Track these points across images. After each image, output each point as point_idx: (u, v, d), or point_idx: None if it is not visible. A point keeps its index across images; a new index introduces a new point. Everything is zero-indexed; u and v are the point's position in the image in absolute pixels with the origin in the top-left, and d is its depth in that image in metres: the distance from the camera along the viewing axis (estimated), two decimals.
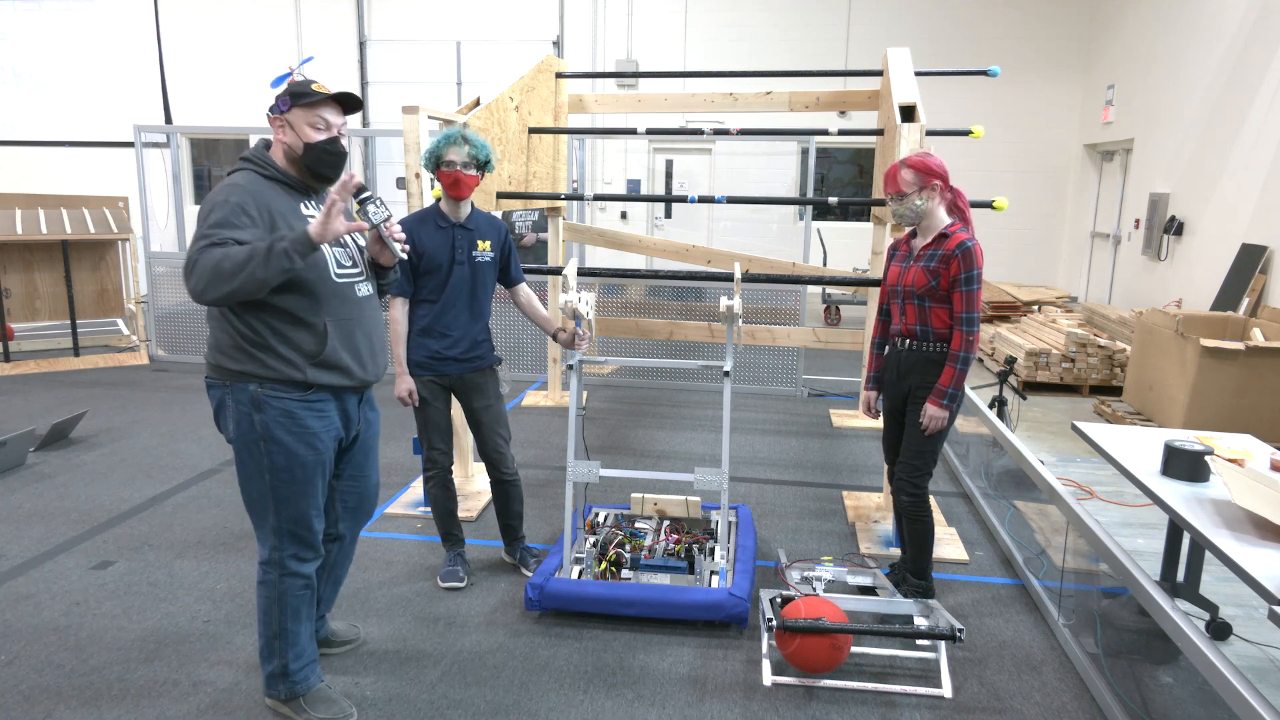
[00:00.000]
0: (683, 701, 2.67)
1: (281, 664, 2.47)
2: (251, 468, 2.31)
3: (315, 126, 2.26)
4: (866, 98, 5.40)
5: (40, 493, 4.29)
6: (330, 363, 2.29)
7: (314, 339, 2.26)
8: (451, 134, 3.13)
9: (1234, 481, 2.52)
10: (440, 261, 3.17)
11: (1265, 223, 6.97)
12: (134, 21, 13.06)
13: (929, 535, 3.22)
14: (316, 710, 2.50)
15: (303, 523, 2.36)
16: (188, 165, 13.70)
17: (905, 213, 3.06)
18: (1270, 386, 5.26)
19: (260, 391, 2.25)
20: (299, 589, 2.42)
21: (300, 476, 2.31)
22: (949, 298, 3.02)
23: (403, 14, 12.73)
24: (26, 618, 3.08)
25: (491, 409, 3.38)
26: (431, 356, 3.25)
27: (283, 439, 2.27)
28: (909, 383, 3.15)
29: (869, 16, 11.88)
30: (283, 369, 2.24)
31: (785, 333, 5.98)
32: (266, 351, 2.23)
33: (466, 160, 3.12)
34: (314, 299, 2.25)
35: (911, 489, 3.18)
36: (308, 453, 2.31)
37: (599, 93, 6.24)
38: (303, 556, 2.40)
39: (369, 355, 2.40)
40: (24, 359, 7.23)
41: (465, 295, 3.25)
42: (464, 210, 3.24)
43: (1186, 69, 8.59)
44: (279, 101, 2.27)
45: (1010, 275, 11.76)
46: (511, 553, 3.56)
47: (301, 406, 2.28)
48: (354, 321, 2.35)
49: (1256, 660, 2.97)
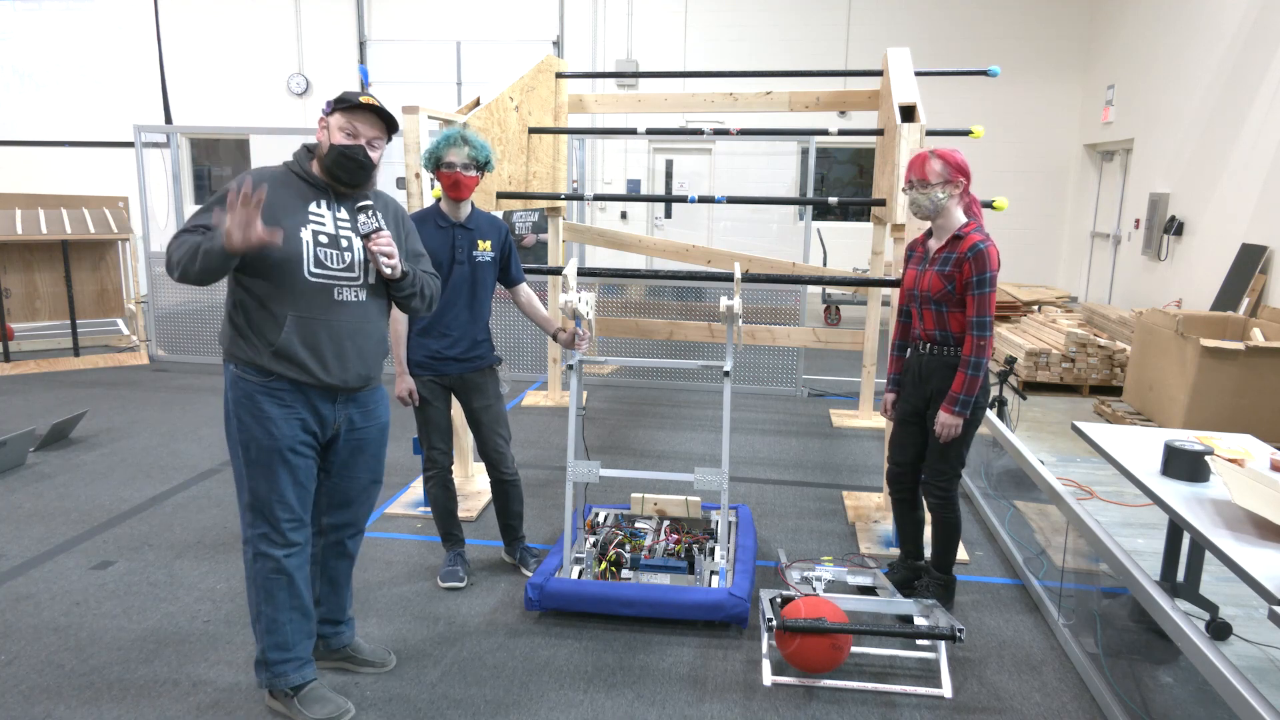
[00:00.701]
0: (683, 701, 2.67)
1: (261, 649, 2.49)
2: (231, 443, 2.44)
3: (345, 132, 2.36)
4: (866, 98, 5.39)
5: (40, 493, 4.29)
6: (285, 354, 2.35)
7: (274, 329, 2.34)
8: (451, 135, 3.13)
9: (1234, 481, 2.52)
10: (440, 261, 3.15)
11: (1265, 223, 6.97)
12: (134, 21, 13.06)
13: (956, 533, 3.22)
14: (311, 710, 2.50)
15: (265, 505, 2.41)
16: (188, 165, 13.70)
17: (925, 203, 2.99)
18: (1270, 386, 5.26)
19: (236, 372, 2.39)
20: (269, 571, 2.44)
21: (258, 459, 2.38)
22: (964, 301, 2.99)
23: (403, 14, 12.73)
24: (26, 618, 3.08)
25: (491, 409, 3.38)
26: (431, 356, 3.25)
27: (244, 419, 2.38)
28: (930, 387, 3.12)
29: (869, 16, 11.88)
30: (249, 352, 2.37)
31: (785, 333, 5.98)
32: (239, 331, 2.38)
33: (466, 161, 3.12)
34: (280, 290, 2.33)
35: (940, 492, 3.17)
36: (264, 436, 2.37)
37: (599, 93, 6.24)
38: (271, 538, 2.43)
39: (335, 358, 2.39)
40: (24, 359, 7.23)
41: (465, 295, 3.25)
42: (464, 210, 3.24)
43: (1186, 69, 8.59)
44: (326, 104, 2.40)
45: (1010, 275, 11.76)
46: (511, 553, 3.56)
47: (261, 391, 2.37)
48: (321, 322, 2.36)
49: (1256, 660, 2.97)
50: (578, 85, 11.74)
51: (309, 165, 2.42)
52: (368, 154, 2.38)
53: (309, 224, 2.36)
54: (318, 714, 2.50)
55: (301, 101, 13.01)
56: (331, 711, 2.51)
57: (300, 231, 2.34)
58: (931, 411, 3.12)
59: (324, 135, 2.38)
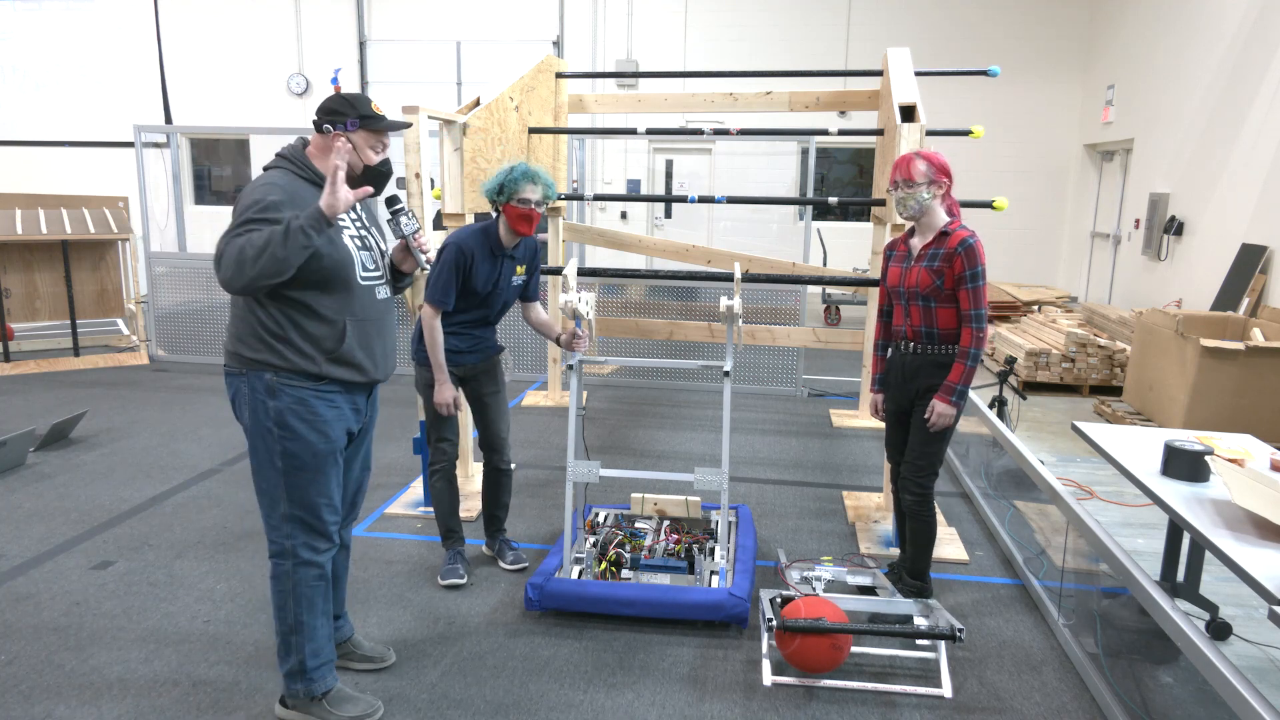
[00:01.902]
0: (683, 701, 2.67)
1: (299, 660, 2.46)
2: (264, 455, 2.35)
3: (375, 149, 2.38)
4: (866, 98, 5.40)
5: (40, 493, 4.29)
6: (345, 359, 2.35)
7: (332, 335, 2.32)
8: (524, 171, 3.16)
9: (1234, 481, 2.52)
10: (486, 287, 3.25)
11: (1265, 223, 6.97)
12: (134, 21, 13.06)
13: (931, 536, 3.22)
14: (344, 710, 2.49)
15: (313, 511, 2.39)
16: (188, 165, 13.69)
17: (910, 203, 3.04)
18: (1270, 386, 5.26)
19: (275, 380, 2.31)
20: (313, 579, 2.43)
21: (311, 464, 2.36)
22: (955, 296, 3.02)
23: (403, 14, 12.73)
24: (26, 618, 3.08)
25: (499, 395, 3.48)
26: (449, 350, 3.30)
27: (295, 426, 2.32)
28: (916, 385, 3.14)
29: (869, 16, 11.88)
30: (298, 361, 2.30)
31: (785, 333, 5.98)
32: (284, 343, 2.30)
33: (540, 199, 3.18)
34: (338, 297, 2.32)
35: (917, 489, 3.18)
36: (320, 440, 2.35)
37: (599, 93, 6.24)
38: (315, 546, 2.42)
39: (382, 355, 2.48)
40: (24, 359, 7.23)
41: (495, 313, 3.37)
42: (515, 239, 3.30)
43: (1186, 69, 8.59)
44: (347, 122, 2.33)
45: (1010, 275, 11.76)
46: (492, 545, 3.62)
47: (314, 395, 2.34)
48: (372, 322, 2.42)
49: (1256, 660, 2.97)
50: (578, 85, 11.74)
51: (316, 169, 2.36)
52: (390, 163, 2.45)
53: (343, 228, 2.37)
54: (350, 713, 2.49)
55: (301, 101, 13.01)
56: (364, 710, 2.51)
57: (341, 236, 2.34)
58: (919, 408, 3.13)
59: (347, 150, 2.29)
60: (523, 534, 3.91)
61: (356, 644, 2.82)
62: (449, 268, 3.14)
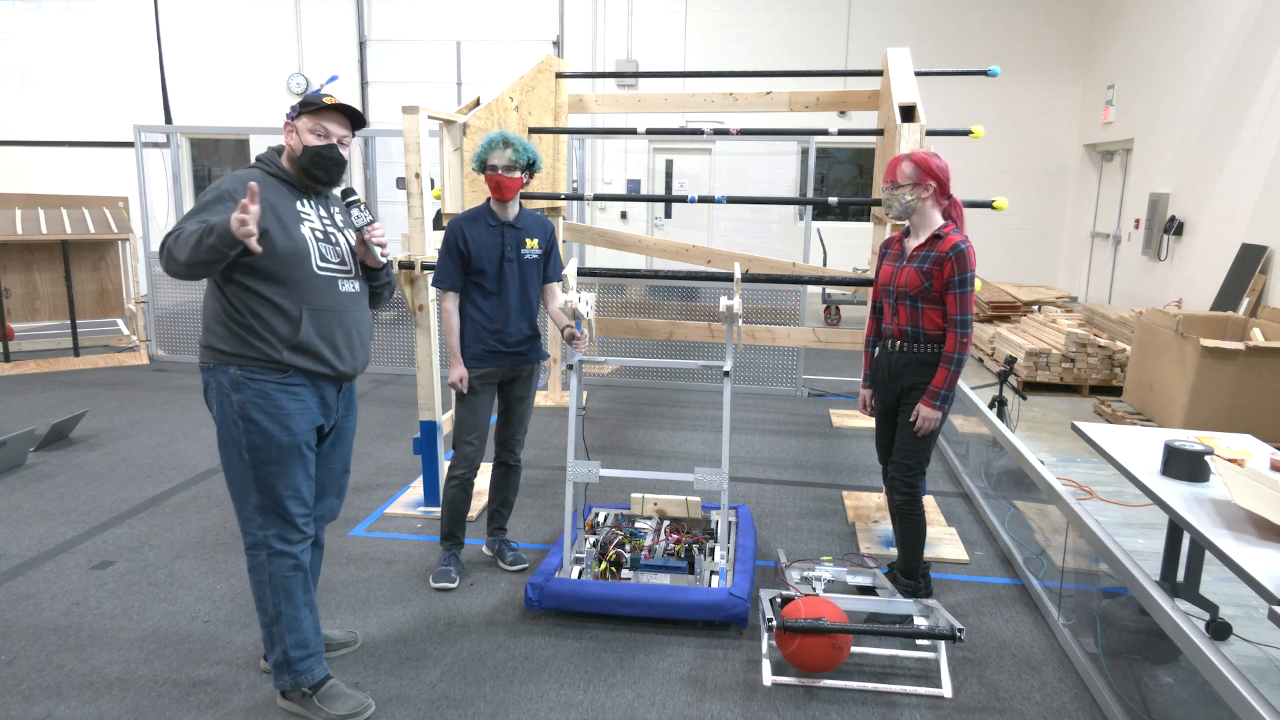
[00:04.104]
0: (683, 701, 2.67)
1: (282, 652, 2.48)
2: (231, 448, 2.40)
3: (315, 133, 2.42)
4: (866, 98, 5.39)
5: (40, 493, 4.29)
6: (305, 348, 2.39)
7: (288, 325, 2.36)
8: (494, 138, 3.21)
9: (1234, 481, 2.52)
10: (493, 258, 3.28)
11: (1265, 223, 6.97)
12: (134, 21, 13.06)
13: (921, 535, 3.23)
14: (333, 707, 2.50)
15: (280, 503, 2.42)
16: (188, 165, 13.69)
17: (894, 204, 3.10)
18: (1270, 386, 5.26)
19: (239, 374, 2.36)
20: (288, 569, 2.45)
21: (275, 456, 2.38)
22: (942, 299, 3.04)
23: (403, 14, 12.72)
24: (26, 618, 3.08)
25: (526, 401, 3.50)
26: (489, 350, 3.32)
27: (257, 418, 2.36)
28: (901, 384, 3.17)
29: (869, 16, 11.88)
30: (262, 347, 2.36)
31: (785, 333, 5.98)
32: (247, 330, 2.36)
33: (509, 164, 3.21)
34: (290, 287, 2.36)
35: (905, 488, 3.19)
36: (282, 433, 2.38)
37: (599, 93, 6.24)
38: (287, 537, 2.44)
39: (346, 348, 2.49)
40: (24, 359, 7.23)
41: (515, 290, 3.35)
42: (511, 210, 3.33)
43: (1186, 69, 8.59)
44: (290, 109, 2.45)
45: (1010, 275, 11.76)
46: (492, 545, 3.63)
47: (278, 389, 2.38)
48: (333, 314, 2.44)
49: (1256, 660, 2.97)
50: (578, 85, 11.74)
51: (285, 168, 2.47)
52: (340, 151, 2.46)
53: (303, 221, 2.42)
54: (339, 710, 2.50)
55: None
56: (354, 708, 2.52)
57: (300, 228, 2.40)
58: (904, 407, 3.15)
59: (293, 138, 2.43)
60: (523, 534, 3.91)
61: (328, 635, 2.87)
62: (444, 248, 3.26)
